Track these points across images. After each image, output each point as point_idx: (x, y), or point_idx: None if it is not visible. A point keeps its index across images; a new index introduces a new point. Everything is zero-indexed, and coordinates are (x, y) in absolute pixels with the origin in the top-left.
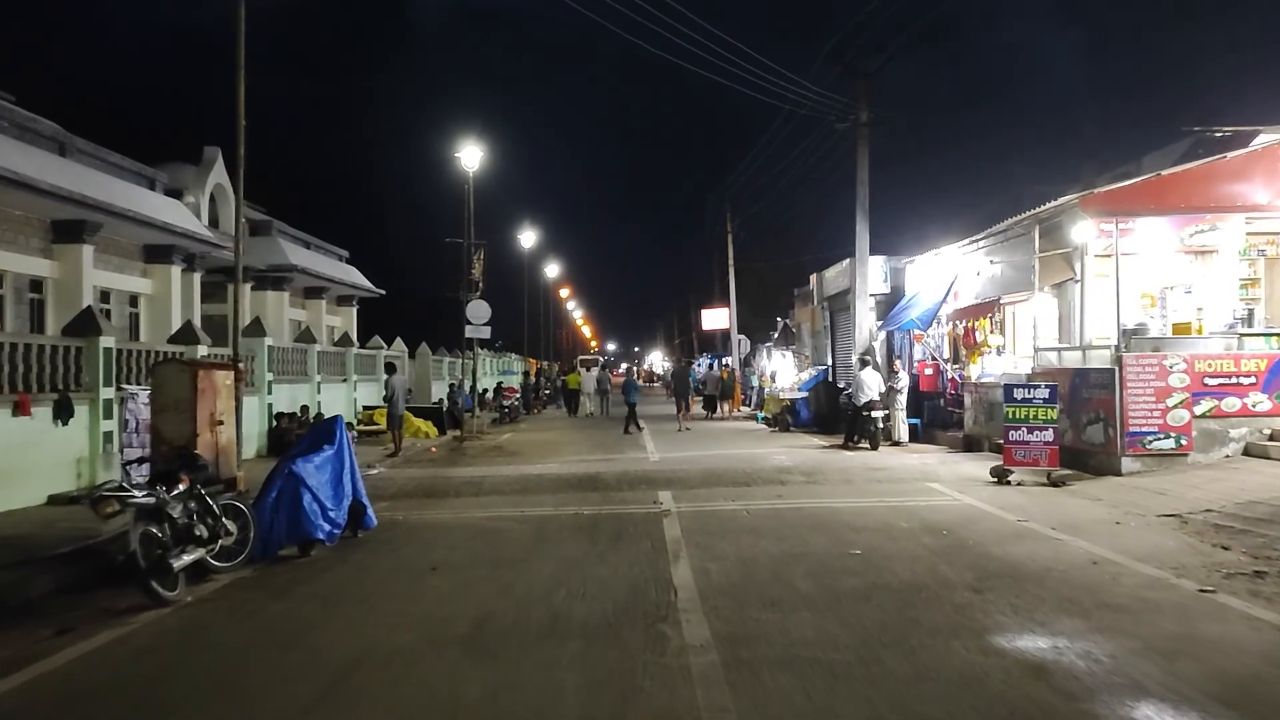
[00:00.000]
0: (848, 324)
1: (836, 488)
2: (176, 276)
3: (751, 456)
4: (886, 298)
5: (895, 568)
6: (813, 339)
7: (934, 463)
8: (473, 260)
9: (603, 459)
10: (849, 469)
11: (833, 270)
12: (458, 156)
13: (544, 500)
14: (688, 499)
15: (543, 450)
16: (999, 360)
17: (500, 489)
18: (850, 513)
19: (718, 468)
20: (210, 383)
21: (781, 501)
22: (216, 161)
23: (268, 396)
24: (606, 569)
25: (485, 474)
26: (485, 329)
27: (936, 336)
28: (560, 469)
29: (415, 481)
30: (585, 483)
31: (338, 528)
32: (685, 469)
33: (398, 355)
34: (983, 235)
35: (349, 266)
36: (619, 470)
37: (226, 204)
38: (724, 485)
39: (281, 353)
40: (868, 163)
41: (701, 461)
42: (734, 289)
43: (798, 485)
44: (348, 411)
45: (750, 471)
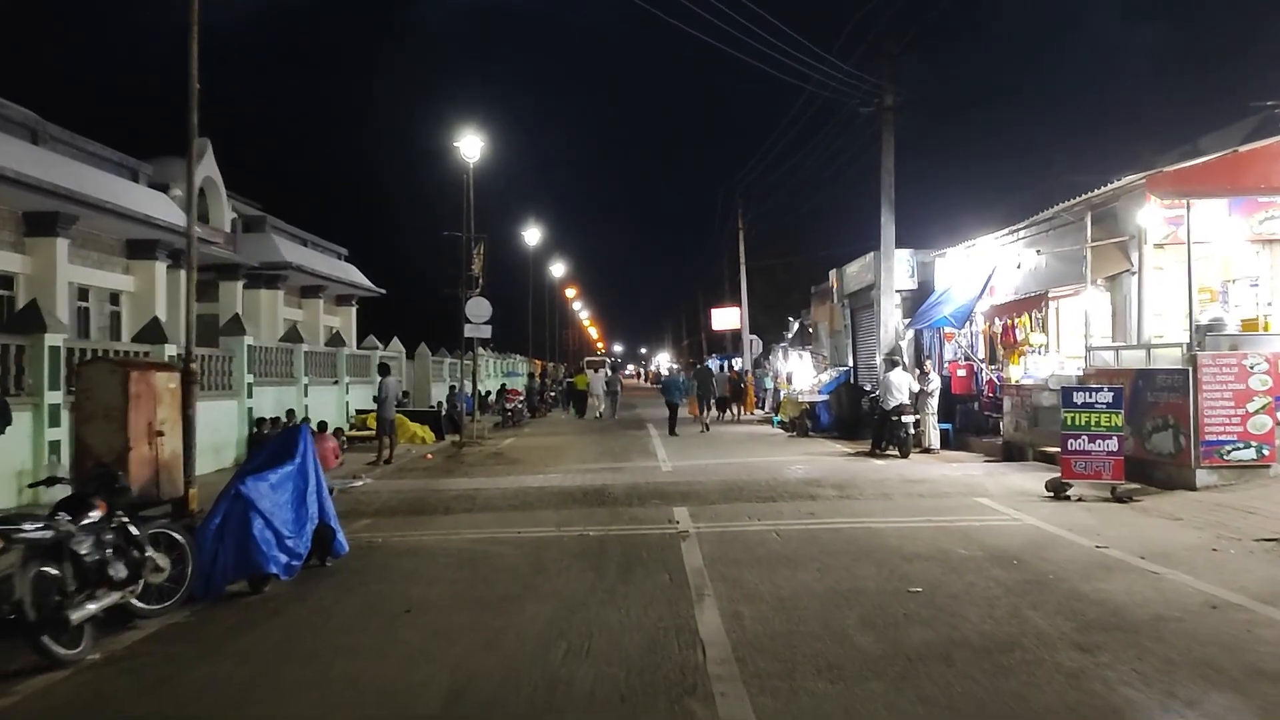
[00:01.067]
0: (870, 322)
1: (874, 504)
2: (161, 273)
3: (772, 466)
4: (913, 294)
5: (969, 613)
6: (831, 338)
7: (978, 474)
8: (472, 255)
9: (610, 468)
10: (884, 481)
11: (854, 265)
12: (457, 146)
13: (545, 518)
14: (707, 517)
15: (546, 457)
16: (1044, 360)
17: (496, 504)
18: (896, 535)
19: (737, 479)
20: (148, 386)
21: (815, 521)
22: (206, 153)
23: (248, 400)
24: (616, 612)
25: (481, 486)
26: (486, 328)
27: (970, 335)
28: (564, 480)
29: (402, 495)
30: (591, 497)
31: (298, 558)
32: (701, 480)
33: (394, 356)
34: (1024, 224)
35: (348, 265)
36: (628, 482)
37: (218, 198)
38: (746, 500)
39: (264, 353)
40: (893, 149)
41: (718, 471)
42: (745, 287)
43: (830, 501)
44: (339, 416)
45: (773, 484)
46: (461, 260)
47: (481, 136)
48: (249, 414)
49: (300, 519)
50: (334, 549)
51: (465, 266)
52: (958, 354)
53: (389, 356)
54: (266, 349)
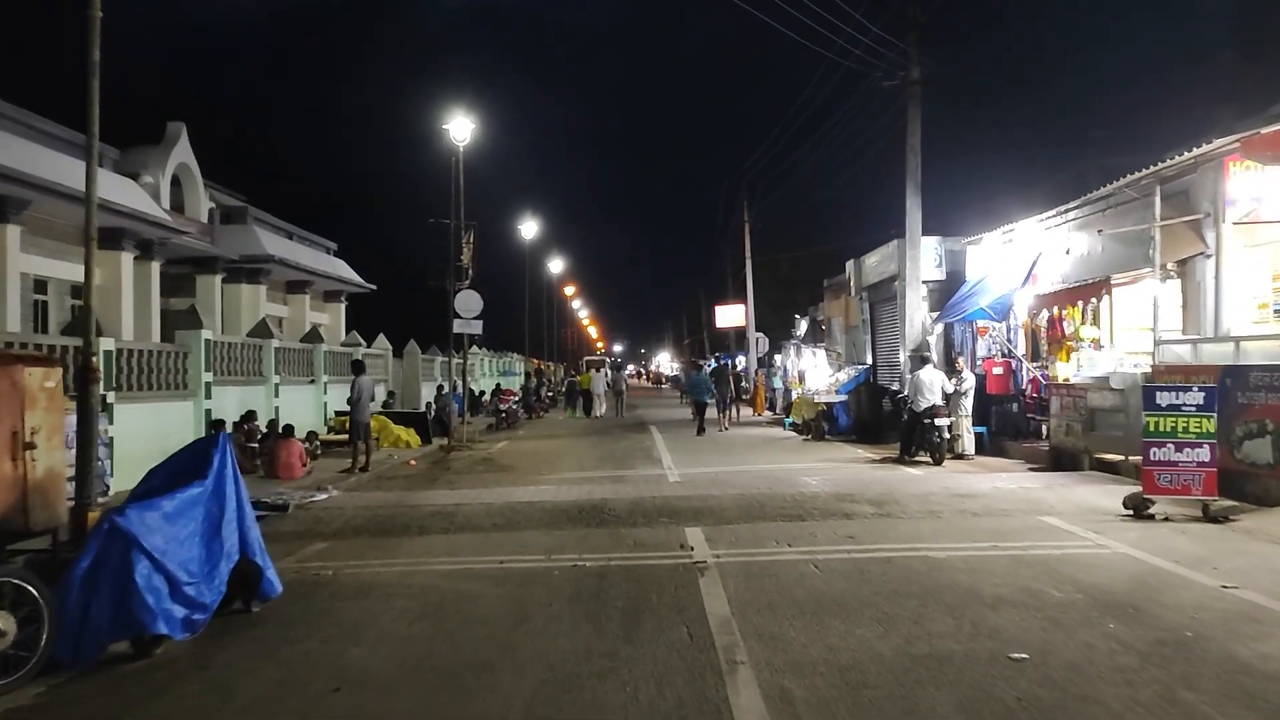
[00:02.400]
0: (892, 316)
1: (921, 524)
2: (128, 265)
3: (791, 475)
4: (941, 285)
5: (1106, 697)
6: (847, 334)
7: (1035, 486)
8: (461, 245)
9: (610, 476)
10: (928, 495)
11: (874, 255)
12: (446, 128)
13: (533, 542)
14: (726, 541)
15: (540, 463)
16: (1101, 356)
17: (478, 524)
18: (964, 568)
19: (756, 491)
20: (10, 385)
21: (857, 548)
22: (180, 138)
23: (205, 401)
24: (620, 691)
25: (463, 500)
26: (476, 323)
27: (1008, 329)
28: (557, 492)
29: (371, 512)
30: (588, 514)
31: (203, 609)
32: (715, 494)
33: (378, 354)
34: (1076, 204)
35: (337, 260)
36: (631, 495)
37: (194, 186)
38: (770, 519)
39: (227, 349)
40: (919, 127)
41: (732, 481)
42: (751, 283)
43: (869, 520)
44: (316, 417)
45: (799, 498)
46: (449, 250)
47: (479, 131)
48: (207, 416)
49: (211, 557)
50: (262, 590)
51: (454, 256)
52: (992, 350)
53: (373, 354)
54: (230, 344)
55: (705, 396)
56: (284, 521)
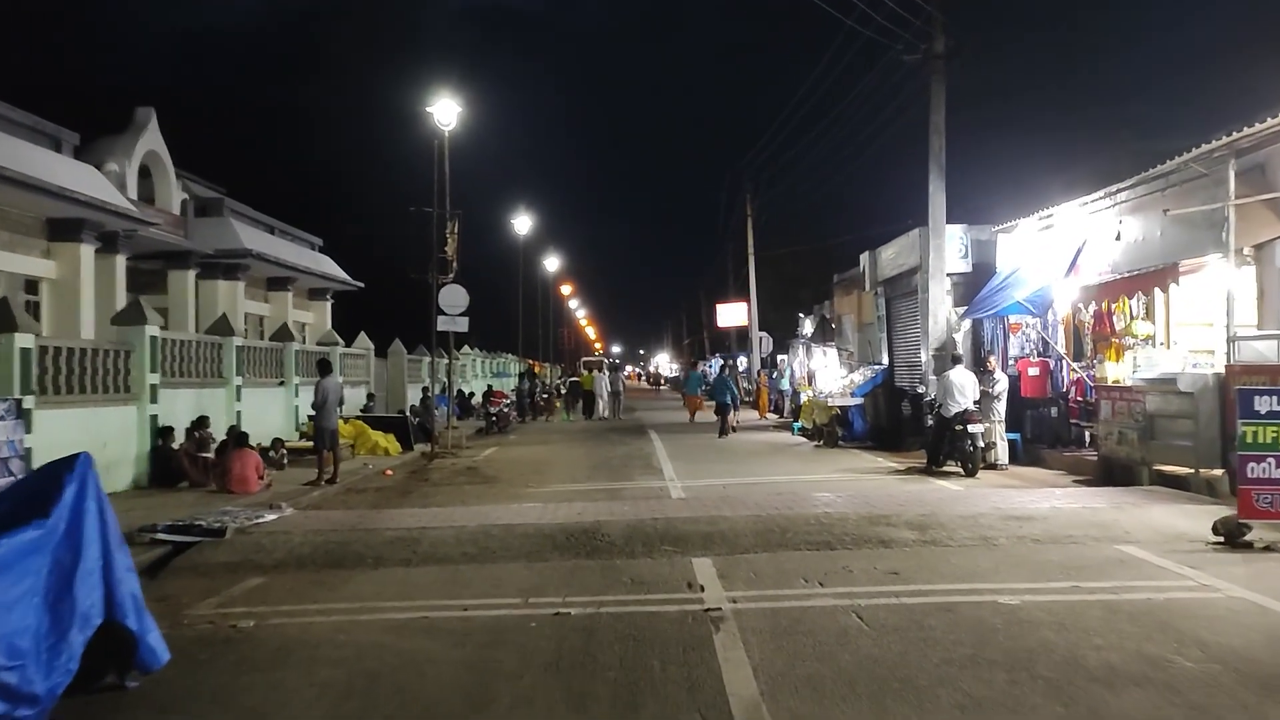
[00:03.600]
0: (911, 312)
1: (977, 555)
2: (89, 258)
3: (808, 488)
4: (967, 278)
5: None
6: (860, 332)
7: (1100, 505)
8: (445, 236)
9: (605, 489)
10: (975, 516)
11: (891, 247)
12: (430, 111)
13: (509, 579)
14: (744, 578)
15: (528, 473)
16: (1163, 355)
17: (446, 553)
18: (1048, 620)
19: (772, 510)
20: None
21: (906, 588)
22: (149, 125)
23: (151, 405)
24: None
25: (433, 522)
26: (463, 320)
27: (1044, 325)
28: (543, 511)
29: (323, 537)
30: (578, 540)
31: (31, 703)
32: (726, 514)
33: (360, 353)
34: (1129, 183)
35: (322, 256)
36: (629, 515)
37: (164, 175)
38: (793, 546)
39: (179, 347)
40: (943, 105)
41: (744, 497)
42: (754, 280)
43: (912, 549)
44: (286, 423)
45: (823, 519)
46: (432, 240)
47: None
48: (153, 424)
49: (57, 625)
50: (140, 659)
51: (437, 248)
52: (1026, 348)
53: (353, 354)
54: (183, 343)
55: (727, 397)
56: (219, 550)
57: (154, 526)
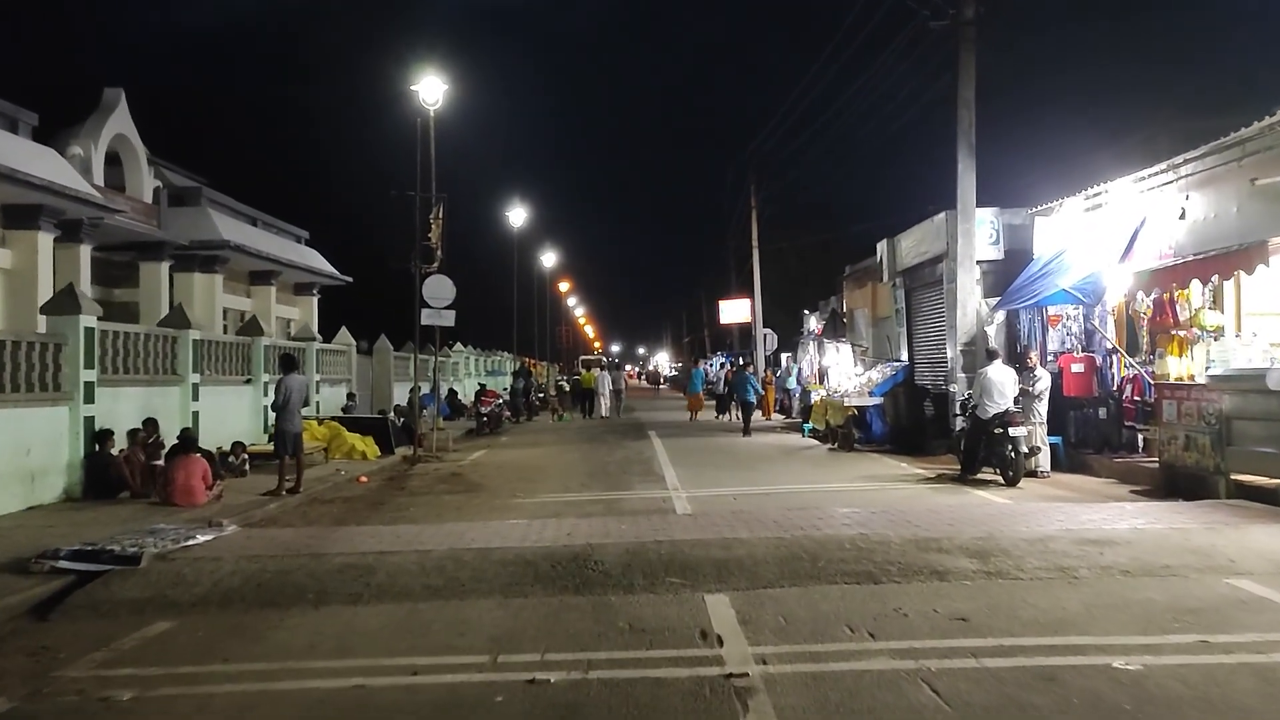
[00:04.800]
0: (935, 304)
1: (1058, 592)
2: (47, 247)
3: (831, 499)
4: (997, 266)
5: None
6: (875, 327)
7: (1192, 526)
8: (429, 223)
9: (601, 499)
10: (1044, 539)
11: (912, 234)
12: (414, 89)
13: (477, 624)
14: (771, 625)
15: (516, 480)
16: (1240, 349)
17: (405, 584)
18: (1189, 696)
19: (796, 531)
20: None
21: (983, 642)
22: (118, 106)
23: (85, 406)
24: None
25: (396, 544)
26: (449, 313)
27: (1087, 316)
28: (527, 530)
29: (260, 563)
30: (565, 568)
31: None
32: (742, 535)
33: (340, 349)
34: (1199, 152)
35: (308, 249)
36: (627, 535)
37: (135, 161)
38: (828, 579)
39: (122, 340)
40: (973, 77)
41: (759, 511)
42: (758, 274)
43: (975, 582)
44: (253, 425)
45: (860, 543)
46: (414, 227)
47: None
48: (88, 426)
49: None
50: None
51: (420, 235)
52: (1067, 342)
53: (333, 350)
54: (129, 335)
55: (750, 395)
56: (129, 582)
57: (56, 552)
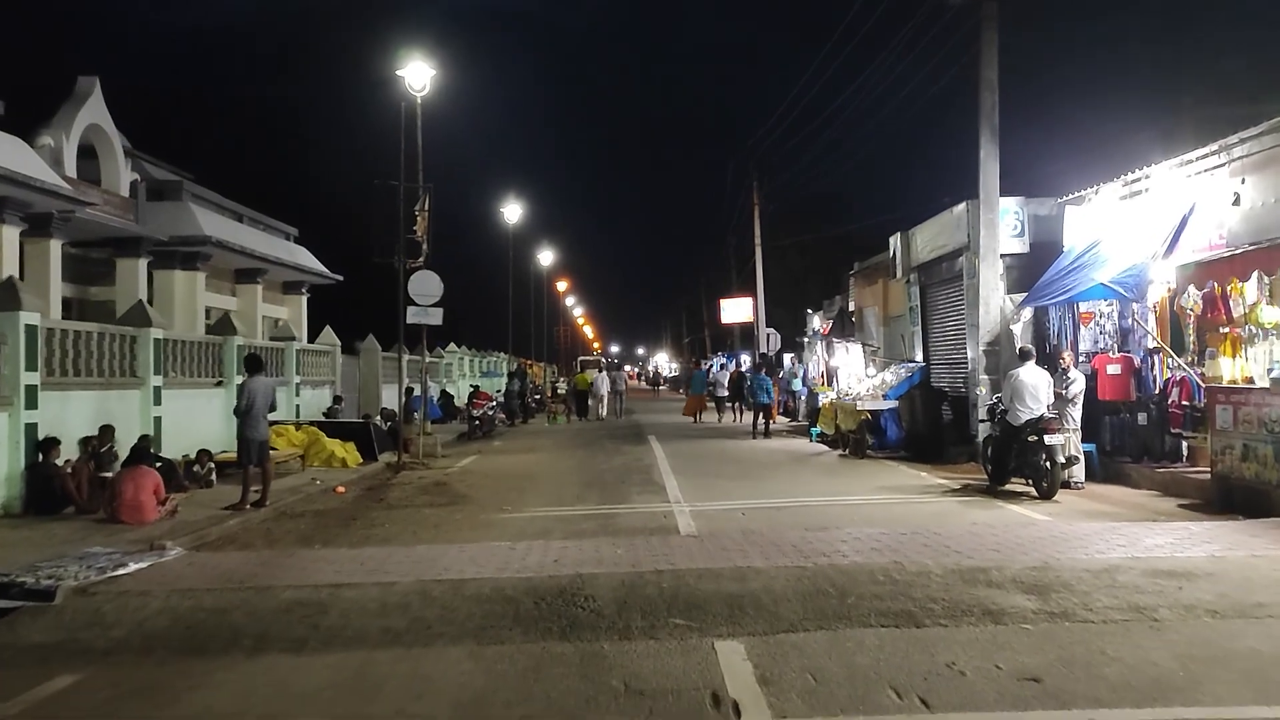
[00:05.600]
0: (953, 300)
1: (1140, 640)
2: (13, 241)
3: (850, 516)
4: (1021, 260)
5: None
6: (886, 326)
7: (1278, 553)
8: (414, 215)
9: (595, 514)
10: (1110, 570)
11: (928, 227)
12: (401, 74)
13: (440, 681)
14: (799, 686)
15: (504, 491)
16: None
17: (359, 627)
18: None
19: (819, 556)
20: None
21: (1065, 716)
22: (92, 95)
23: (27, 412)
24: None
25: (356, 573)
26: (436, 311)
27: (1128, 313)
28: (509, 554)
29: (193, 600)
30: (550, 606)
31: None
32: (756, 563)
33: (324, 349)
34: (1259, 130)
35: (297, 247)
36: (624, 562)
37: (111, 153)
38: (860, 621)
39: (72, 340)
40: (996, 56)
41: (772, 530)
42: (761, 272)
43: (1038, 626)
44: (225, 432)
45: (895, 572)
46: (398, 219)
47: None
48: (30, 434)
49: None
50: None
51: (405, 228)
52: (1101, 341)
53: (316, 351)
54: (79, 334)
55: (765, 397)
56: (39, 621)
57: None
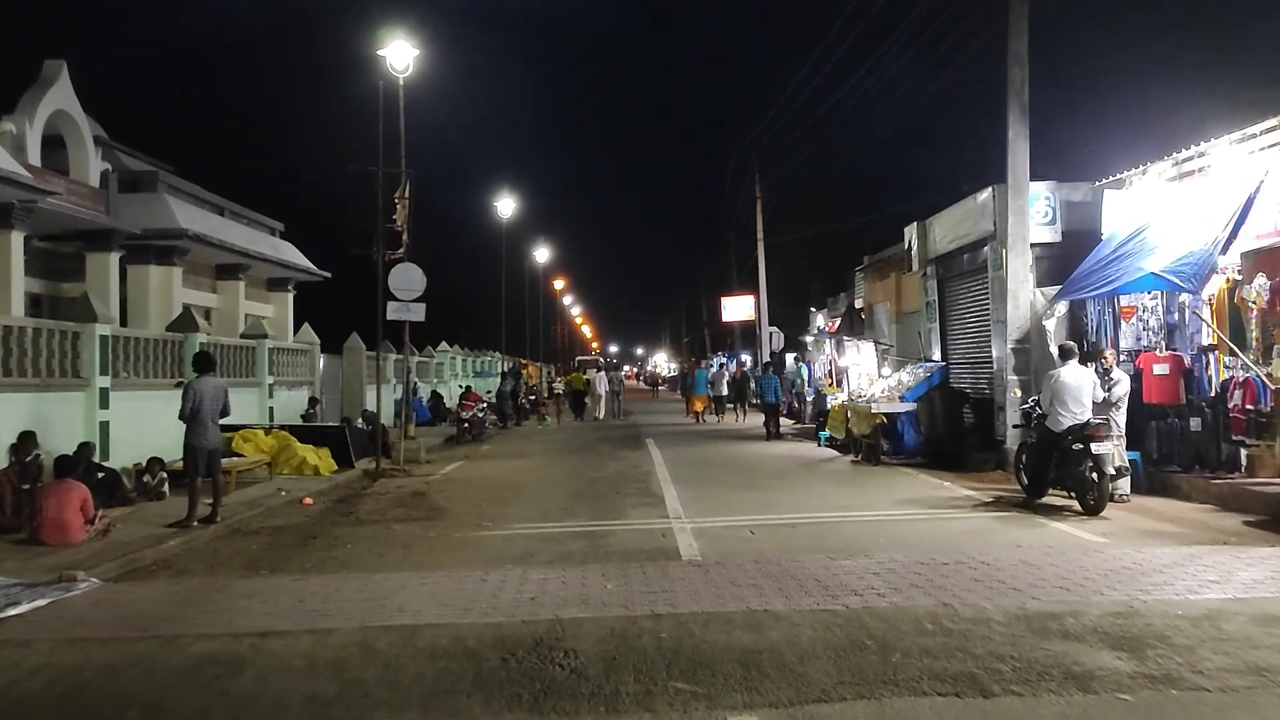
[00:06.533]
0: (975, 295)
1: (1266, 713)
2: None
3: (880, 538)
4: (1053, 249)
5: None
6: (897, 324)
7: None
8: (393, 203)
9: (583, 533)
10: (1211, 616)
11: (947, 216)
12: (382, 54)
13: None
14: None
15: (486, 503)
16: None
17: (276, 696)
18: None
19: (849, 595)
20: None
21: None
22: (59, 79)
23: None
24: None
25: (286, 619)
26: (419, 307)
27: (1174, 308)
28: (480, 588)
29: (79, 655)
30: (520, 664)
31: None
32: (776, 606)
33: (302, 348)
34: None
35: (282, 242)
36: (613, 604)
37: (79, 141)
38: (911, 689)
39: (1, 335)
40: (1026, 28)
41: (788, 558)
42: (763, 269)
43: (1142, 698)
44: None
45: (946, 620)
46: (377, 207)
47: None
48: None
49: None
50: None
51: (383, 218)
52: (1144, 338)
53: (293, 349)
54: (8, 330)
55: (772, 398)
56: None
57: None
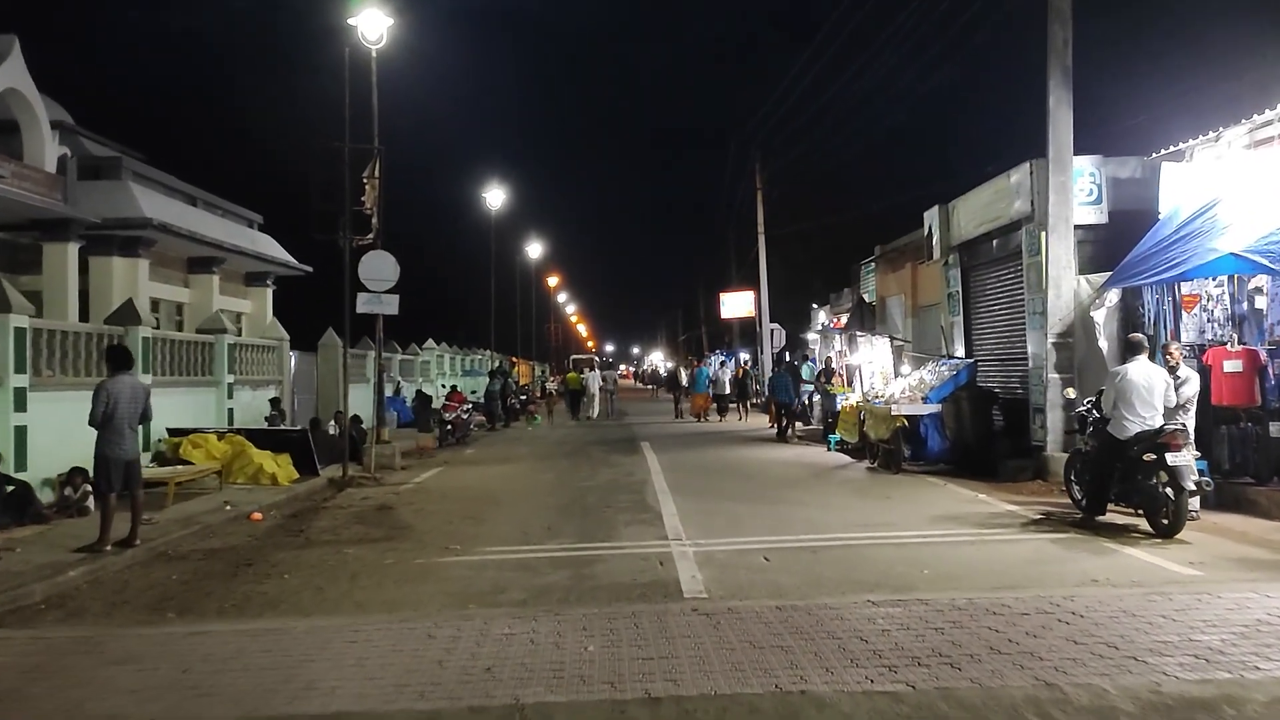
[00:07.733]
0: (1006, 284)
1: None
2: None
3: (922, 569)
4: (1098, 232)
5: None
6: (912, 318)
7: None
8: (361, 183)
9: (565, 558)
10: None
11: (974, 198)
12: (353, 24)
13: None
14: None
15: (457, 521)
16: None
17: None
18: None
19: (916, 673)
20: None
21: None
22: (10, 53)
23: None
24: None
25: (162, 697)
26: (391, 299)
27: (1242, 297)
28: (423, 648)
29: None
30: None
31: None
32: (816, 686)
33: (269, 344)
34: None
35: (260, 234)
36: (595, 676)
37: (34, 124)
38: None
39: None
40: None
41: (815, 595)
42: (764, 262)
43: None
44: None
45: (1045, 703)
46: (343, 187)
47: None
48: None
49: None
50: None
51: (351, 199)
52: (1208, 330)
53: (258, 345)
54: None
55: (784, 396)
56: None
57: None
